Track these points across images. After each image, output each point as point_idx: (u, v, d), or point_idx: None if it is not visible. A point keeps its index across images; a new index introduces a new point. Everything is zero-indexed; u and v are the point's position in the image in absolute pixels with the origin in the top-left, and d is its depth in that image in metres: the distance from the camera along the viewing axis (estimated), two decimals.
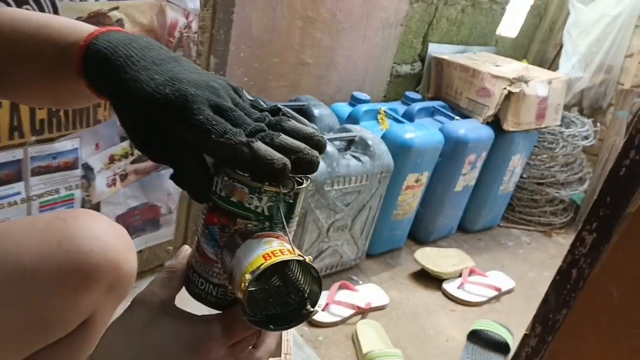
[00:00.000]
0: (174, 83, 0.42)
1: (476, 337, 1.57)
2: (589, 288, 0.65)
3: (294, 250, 0.42)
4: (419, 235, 2.05)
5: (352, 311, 1.57)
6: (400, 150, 1.68)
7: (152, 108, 0.42)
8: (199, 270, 0.49)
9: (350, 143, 1.61)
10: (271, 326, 0.43)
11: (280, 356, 0.98)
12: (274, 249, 0.41)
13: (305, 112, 1.74)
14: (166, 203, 1.38)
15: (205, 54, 1.30)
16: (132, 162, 1.22)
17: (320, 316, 1.52)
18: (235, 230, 0.45)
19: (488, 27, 2.43)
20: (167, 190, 1.35)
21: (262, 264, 0.40)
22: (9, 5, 0.89)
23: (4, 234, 0.70)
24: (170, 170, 0.46)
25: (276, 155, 0.41)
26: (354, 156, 1.56)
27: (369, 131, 1.65)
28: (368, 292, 1.66)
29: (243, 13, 1.59)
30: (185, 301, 0.49)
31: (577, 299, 0.66)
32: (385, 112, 1.86)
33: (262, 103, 0.48)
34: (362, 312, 1.60)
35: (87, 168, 1.13)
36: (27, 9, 0.90)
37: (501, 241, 2.24)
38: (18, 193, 1.05)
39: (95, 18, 1.00)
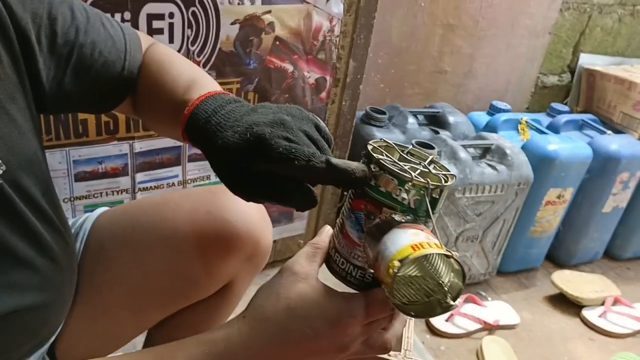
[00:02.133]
0: (252, 127, 0.50)
1: None
2: None
3: (441, 245, 0.43)
4: (558, 257, 1.91)
5: (478, 326, 1.50)
6: (541, 162, 1.59)
7: (239, 152, 0.50)
8: (341, 250, 0.52)
9: (486, 151, 1.56)
10: (412, 313, 0.45)
11: (400, 351, 0.98)
12: (422, 240, 0.43)
13: (440, 120, 1.73)
14: None
15: (345, 57, 1.35)
16: None
17: (443, 326, 1.48)
18: (381, 219, 0.47)
19: None
20: None
21: (411, 254, 0.42)
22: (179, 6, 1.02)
23: (164, 201, 0.79)
24: None
25: (353, 164, 0.47)
26: (489, 164, 1.51)
27: (507, 140, 1.59)
28: (497, 309, 1.59)
29: (384, 20, 1.63)
30: (325, 275, 0.53)
31: None
32: (526, 122, 1.78)
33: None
34: (489, 329, 1.53)
35: None
36: (193, 11, 1.03)
37: None
38: (176, 176, 1.18)
39: (250, 20, 1.10)
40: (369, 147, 0.50)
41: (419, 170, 0.49)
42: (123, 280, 0.75)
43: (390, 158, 0.50)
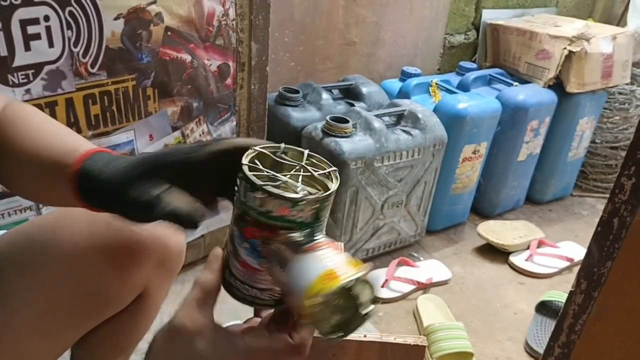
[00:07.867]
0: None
1: (546, 309, 1.50)
2: (633, 236, 0.60)
3: (356, 264, 0.43)
4: (483, 209, 1.99)
5: (412, 287, 1.55)
6: (453, 121, 1.64)
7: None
8: (241, 278, 0.49)
9: (400, 118, 1.59)
10: (340, 333, 0.43)
11: None
12: (334, 267, 0.42)
13: (353, 92, 1.74)
14: None
15: (246, 40, 1.33)
16: None
17: (379, 292, 1.52)
18: (280, 242, 0.45)
19: None
20: None
21: (328, 286, 0.41)
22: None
23: (60, 217, 0.75)
24: None
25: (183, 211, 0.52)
26: (403, 130, 1.54)
27: (418, 104, 1.62)
28: (429, 268, 1.64)
29: None
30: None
31: (621, 249, 0.62)
32: (437, 84, 1.82)
33: None
34: (424, 288, 1.58)
35: None
36: (70, 10, 0.97)
37: (574, 211, 2.12)
38: None
39: (134, 13, 1.06)
40: (246, 172, 0.46)
41: (301, 177, 0.48)
42: (28, 305, 0.72)
43: (270, 173, 0.47)
